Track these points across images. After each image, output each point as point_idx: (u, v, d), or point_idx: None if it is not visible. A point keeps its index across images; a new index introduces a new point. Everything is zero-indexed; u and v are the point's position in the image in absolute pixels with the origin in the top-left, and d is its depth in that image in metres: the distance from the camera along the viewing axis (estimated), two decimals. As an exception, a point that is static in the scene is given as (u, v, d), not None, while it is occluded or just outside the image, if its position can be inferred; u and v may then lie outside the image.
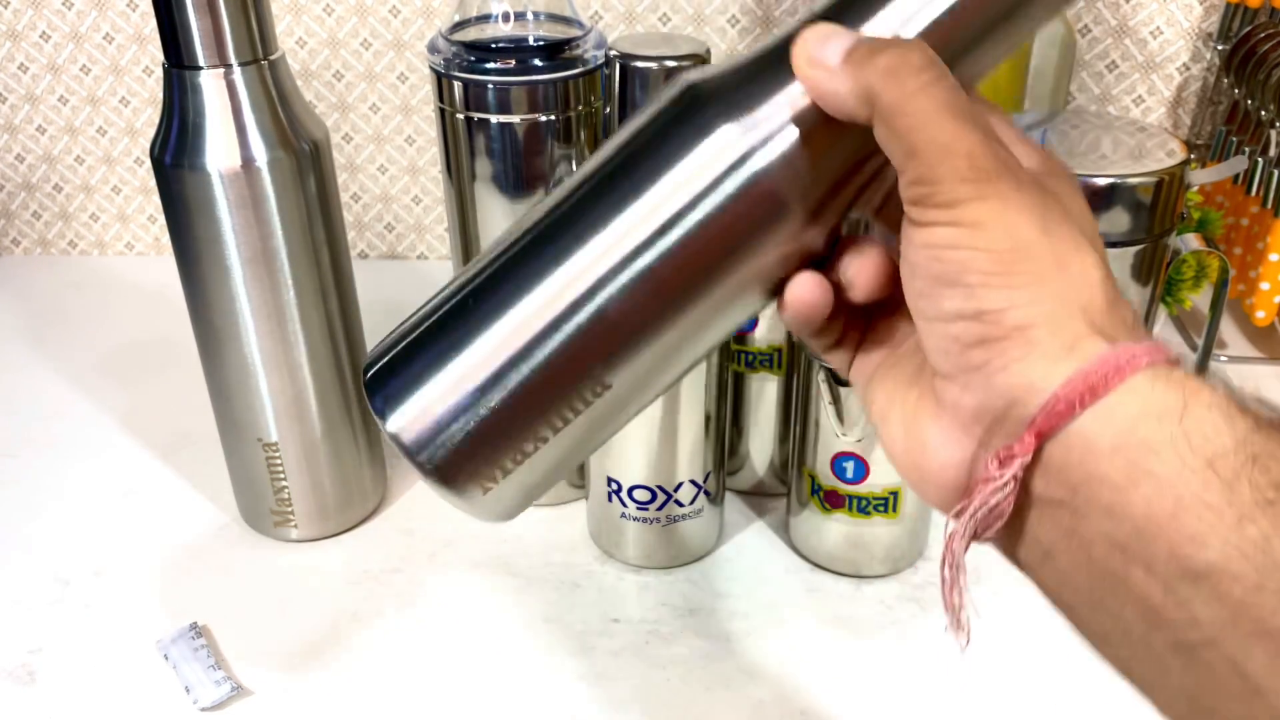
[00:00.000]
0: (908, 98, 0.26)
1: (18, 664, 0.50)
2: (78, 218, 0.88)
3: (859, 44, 0.28)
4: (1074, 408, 0.25)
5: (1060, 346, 0.25)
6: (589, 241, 0.30)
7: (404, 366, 0.33)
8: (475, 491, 0.34)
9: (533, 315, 0.30)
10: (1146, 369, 0.25)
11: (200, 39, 0.45)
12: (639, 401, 0.33)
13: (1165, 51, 0.76)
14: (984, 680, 0.49)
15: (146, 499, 0.61)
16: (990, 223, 0.26)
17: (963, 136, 0.26)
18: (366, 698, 0.48)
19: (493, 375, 0.31)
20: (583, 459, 0.35)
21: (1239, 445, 0.23)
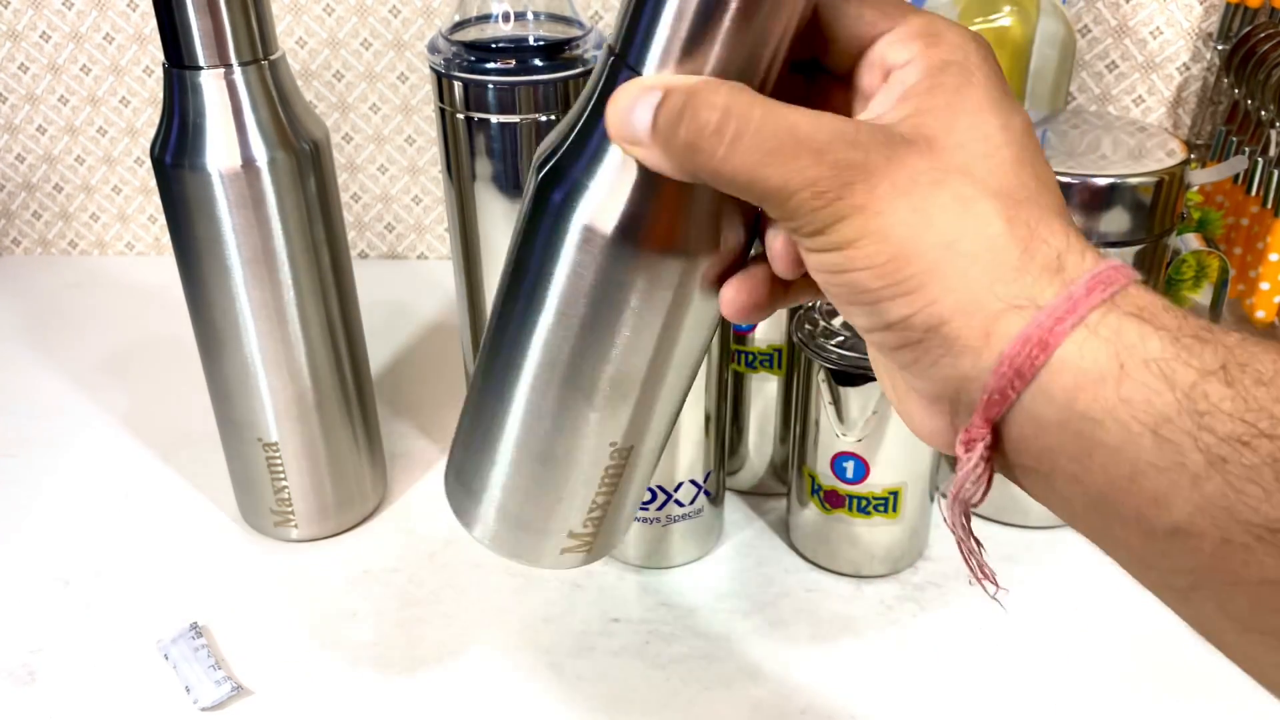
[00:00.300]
0: (720, 165, 0.26)
1: (18, 664, 0.50)
2: (78, 218, 0.88)
3: (658, 115, 0.26)
4: (1008, 394, 0.24)
5: (976, 335, 0.25)
6: (529, 371, 0.33)
7: (458, 485, 0.37)
8: (564, 560, 0.37)
9: (523, 434, 0.34)
10: (1074, 331, 0.24)
11: (200, 39, 0.45)
12: (658, 434, 0.35)
13: (1165, 51, 0.76)
14: (984, 680, 0.49)
15: (147, 499, 0.61)
16: (860, 239, 0.25)
17: (794, 173, 0.25)
18: (367, 698, 0.48)
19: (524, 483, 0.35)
20: (646, 484, 0.38)
21: (1182, 405, 0.22)
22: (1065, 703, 0.47)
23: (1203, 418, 0.22)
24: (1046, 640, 0.50)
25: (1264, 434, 0.22)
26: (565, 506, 0.35)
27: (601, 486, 0.35)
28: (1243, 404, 0.22)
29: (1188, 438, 0.22)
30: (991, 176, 0.26)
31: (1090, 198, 0.50)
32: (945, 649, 0.50)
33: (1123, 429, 0.23)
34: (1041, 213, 0.26)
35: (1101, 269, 0.25)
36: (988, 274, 0.25)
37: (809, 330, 0.52)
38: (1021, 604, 0.52)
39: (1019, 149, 0.26)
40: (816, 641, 0.51)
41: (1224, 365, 0.23)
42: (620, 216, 0.28)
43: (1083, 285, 0.24)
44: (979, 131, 0.26)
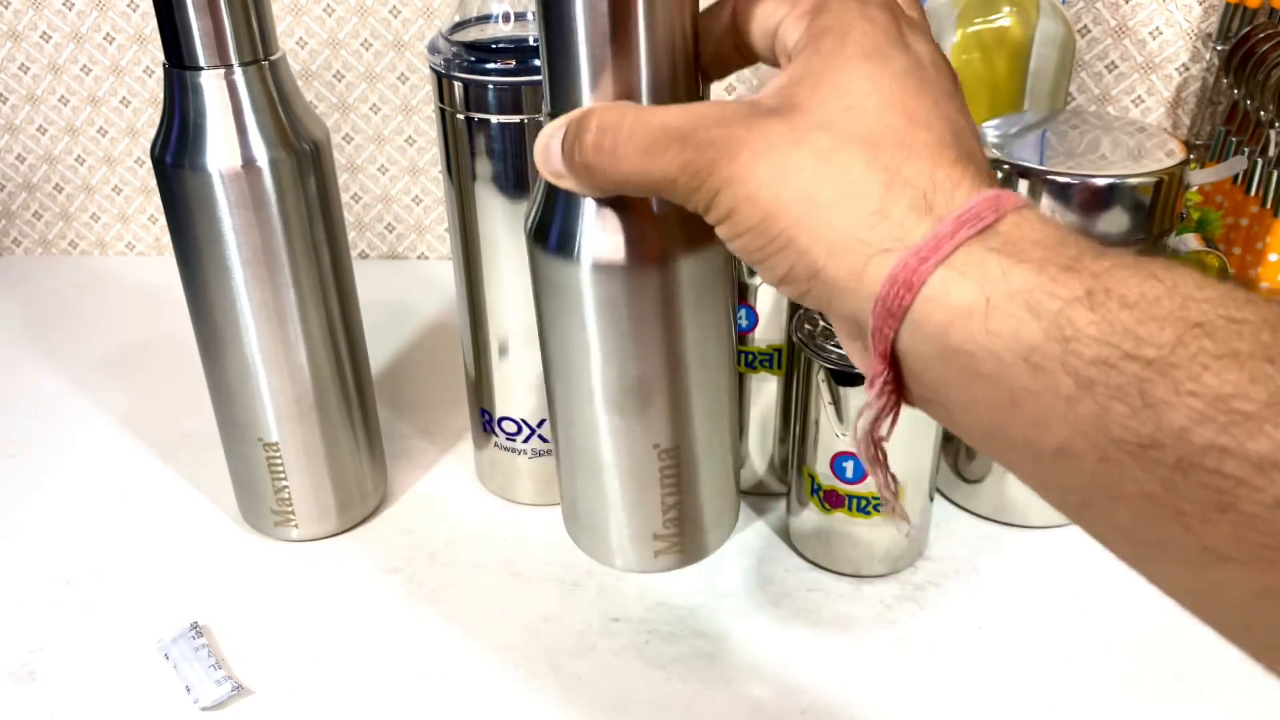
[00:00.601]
0: (614, 174, 0.30)
1: (18, 663, 0.50)
2: (78, 218, 0.89)
3: (563, 147, 0.31)
4: (885, 332, 0.26)
5: (850, 277, 0.26)
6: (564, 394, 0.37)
7: (571, 520, 0.41)
8: (661, 562, 0.40)
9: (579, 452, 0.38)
10: (939, 270, 0.25)
11: (201, 39, 0.45)
12: (706, 432, 0.37)
13: (1164, 52, 0.76)
14: (984, 680, 0.49)
15: (147, 499, 0.62)
16: (735, 206, 0.28)
17: (669, 162, 0.28)
18: (367, 698, 0.48)
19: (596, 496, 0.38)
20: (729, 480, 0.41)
21: (1049, 333, 0.23)
22: (1065, 703, 0.47)
23: (1069, 343, 0.23)
24: (1046, 640, 0.50)
25: (1129, 355, 0.22)
26: (639, 512, 0.38)
27: (665, 487, 0.38)
28: (1107, 327, 0.23)
29: (1056, 363, 0.23)
30: (853, 125, 0.27)
31: (1089, 198, 0.50)
32: (945, 649, 0.50)
33: (995, 359, 0.24)
34: (908, 153, 0.27)
35: (973, 204, 0.26)
36: (848, 219, 0.26)
37: (809, 330, 0.52)
38: (1021, 604, 0.52)
39: (887, 94, 0.28)
40: (816, 641, 0.51)
41: (1089, 291, 0.23)
42: (589, 246, 0.32)
43: (949, 224, 0.25)
44: (843, 86, 0.28)
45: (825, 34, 0.29)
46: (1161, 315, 0.22)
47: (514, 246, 0.52)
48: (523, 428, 0.58)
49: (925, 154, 0.27)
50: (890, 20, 0.29)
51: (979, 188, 0.26)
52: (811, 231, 0.27)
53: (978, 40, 0.62)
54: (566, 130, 0.30)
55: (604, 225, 0.32)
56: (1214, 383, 0.21)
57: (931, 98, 0.28)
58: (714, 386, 0.37)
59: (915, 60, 0.29)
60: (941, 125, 0.28)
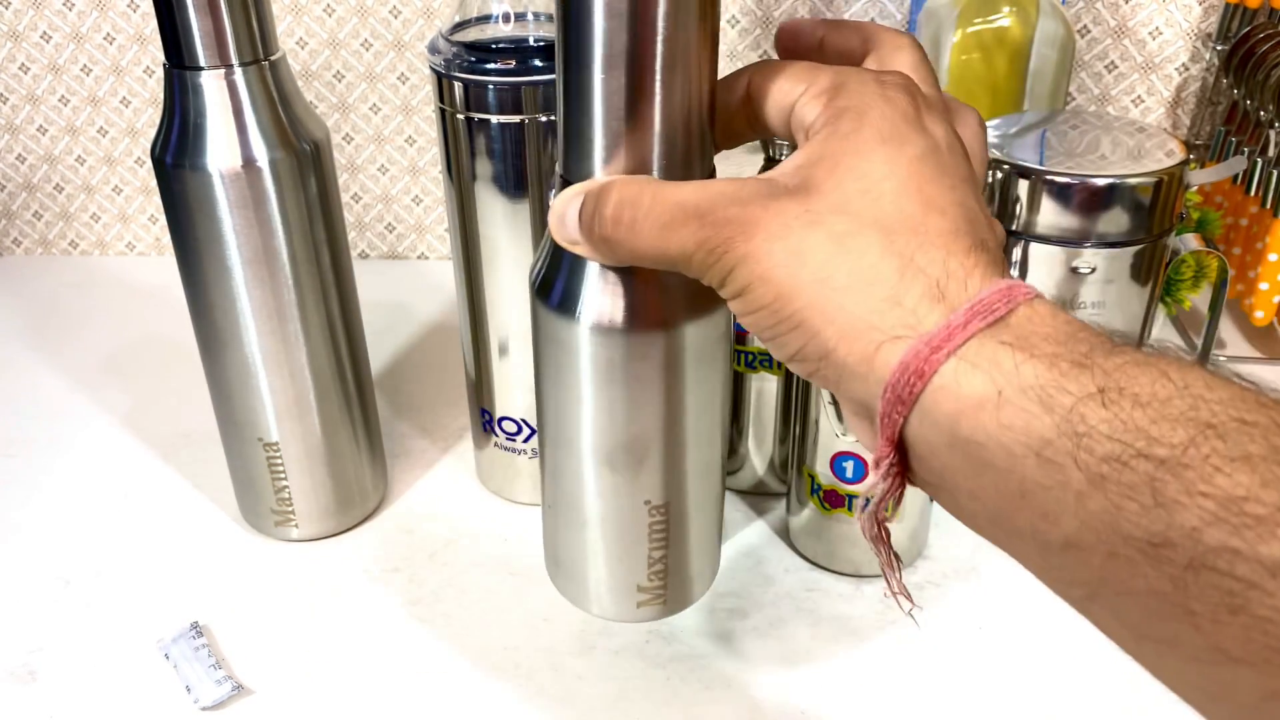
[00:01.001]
0: (632, 247, 0.30)
1: (18, 663, 0.50)
2: (79, 218, 0.89)
3: (581, 215, 0.31)
4: (894, 419, 0.26)
5: (861, 361, 0.27)
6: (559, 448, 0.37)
7: (553, 565, 0.41)
8: (644, 613, 0.40)
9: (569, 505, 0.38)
10: (950, 360, 0.25)
11: (201, 39, 0.45)
12: (697, 490, 0.38)
13: (1164, 52, 0.76)
14: (984, 680, 0.49)
15: (147, 498, 0.62)
16: (750, 284, 0.28)
17: (686, 239, 0.29)
18: (367, 698, 0.48)
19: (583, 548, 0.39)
20: (714, 534, 0.41)
21: (1060, 428, 0.24)
22: (1065, 703, 0.47)
23: (1081, 439, 0.23)
24: (1046, 640, 0.50)
25: (1141, 454, 0.22)
26: (625, 563, 0.39)
27: (652, 543, 0.38)
28: (1120, 425, 0.23)
29: (1068, 458, 0.23)
30: (869, 210, 0.28)
31: (1089, 198, 0.50)
32: (945, 649, 0.50)
33: (1006, 451, 0.24)
34: (922, 239, 0.27)
35: (986, 295, 0.26)
36: (862, 304, 0.27)
37: (809, 330, 0.52)
38: (1021, 604, 0.52)
39: (904, 179, 0.28)
40: (816, 641, 0.51)
41: (1102, 389, 0.24)
42: (591, 308, 0.33)
43: (962, 314, 0.26)
44: (860, 169, 0.28)
45: (843, 115, 0.29)
46: (1174, 415, 0.23)
47: (514, 246, 0.52)
48: (523, 427, 0.58)
49: (939, 241, 0.27)
50: (909, 102, 0.29)
51: (991, 278, 0.26)
52: (824, 314, 0.27)
53: (978, 40, 0.62)
54: (585, 201, 0.31)
55: (607, 288, 0.33)
56: (1226, 484, 0.21)
57: (948, 183, 0.28)
58: (708, 447, 0.37)
59: (932, 144, 0.29)
60: (956, 211, 0.28)
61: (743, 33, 0.77)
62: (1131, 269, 0.52)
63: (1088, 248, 0.51)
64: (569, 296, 0.33)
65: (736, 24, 0.77)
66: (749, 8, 0.76)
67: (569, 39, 0.30)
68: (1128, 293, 0.53)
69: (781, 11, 0.76)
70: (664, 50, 0.29)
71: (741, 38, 0.77)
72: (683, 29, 0.29)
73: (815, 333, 0.27)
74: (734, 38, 0.77)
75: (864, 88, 0.30)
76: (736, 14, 0.76)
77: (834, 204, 0.28)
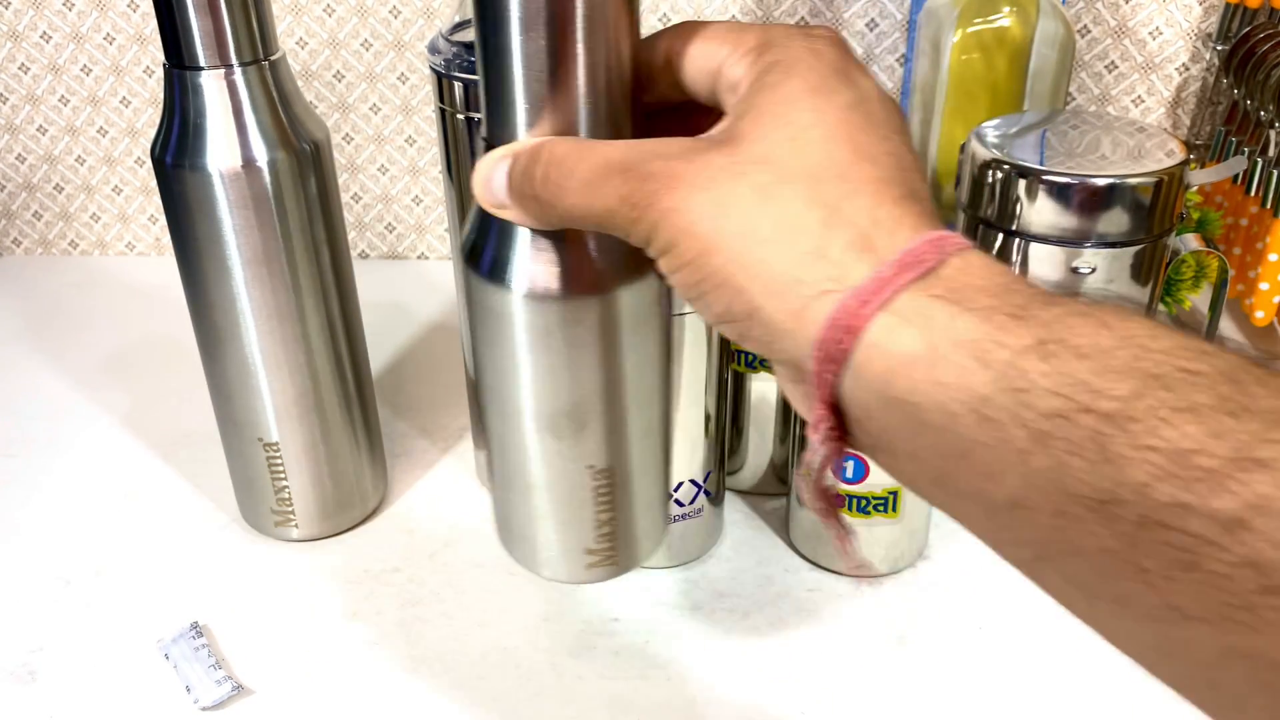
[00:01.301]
0: (560, 207, 0.29)
1: (19, 663, 0.50)
2: (79, 218, 0.89)
3: (509, 178, 0.30)
4: (826, 379, 0.25)
5: (790, 318, 0.25)
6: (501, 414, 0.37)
7: (503, 531, 0.41)
8: (595, 574, 0.40)
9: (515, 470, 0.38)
10: (880, 315, 0.24)
11: (201, 39, 0.45)
12: (641, 453, 0.38)
13: (1164, 52, 0.76)
14: (984, 680, 0.49)
15: (147, 499, 0.62)
16: (675, 240, 0.27)
17: (610, 194, 0.28)
18: (367, 697, 0.48)
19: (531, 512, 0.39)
20: (660, 495, 0.41)
21: (999, 384, 0.23)
22: (1065, 703, 0.47)
23: (1021, 395, 0.22)
24: (1046, 640, 0.50)
25: (1084, 408, 0.22)
26: (573, 527, 0.39)
27: (598, 506, 0.38)
28: (1061, 379, 0.22)
29: (1008, 415, 0.22)
30: (795, 159, 0.26)
31: (1089, 198, 0.50)
32: (945, 649, 0.50)
33: (942, 410, 0.23)
34: (851, 187, 0.26)
35: (916, 244, 0.25)
36: (786, 257, 0.25)
37: (809, 330, 0.52)
38: (1021, 604, 0.52)
39: (833, 126, 0.27)
40: (816, 641, 0.51)
41: (1041, 341, 0.23)
42: (523, 275, 0.32)
43: (891, 265, 0.24)
44: (788, 118, 0.27)
45: (771, 69, 0.28)
46: (1117, 367, 0.22)
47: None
48: (523, 428, 0.58)
49: (868, 189, 0.26)
50: (837, 54, 0.29)
51: (921, 228, 0.25)
52: (748, 269, 0.26)
53: (978, 40, 0.62)
54: (513, 162, 0.30)
55: (538, 254, 0.32)
56: (1174, 437, 0.21)
57: (879, 132, 0.28)
58: (649, 410, 0.37)
59: (862, 94, 0.28)
60: (888, 160, 0.27)
61: (743, 33, 0.77)
62: (1131, 269, 0.52)
63: (1088, 248, 0.51)
64: (500, 263, 0.33)
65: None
66: (749, 8, 0.76)
67: (487, 15, 0.30)
68: (1128, 293, 0.53)
69: (781, 11, 0.76)
70: (583, 9, 0.29)
71: (741, 38, 0.77)
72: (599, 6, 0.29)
73: (740, 289, 0.26)
74: (734, 38, 0.77)
75: (790, 42, 0.29)
76: (737, 14, 0.76)
77: (759, 154, 0.27)
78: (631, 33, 0.30)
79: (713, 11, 0.76)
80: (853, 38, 0.76)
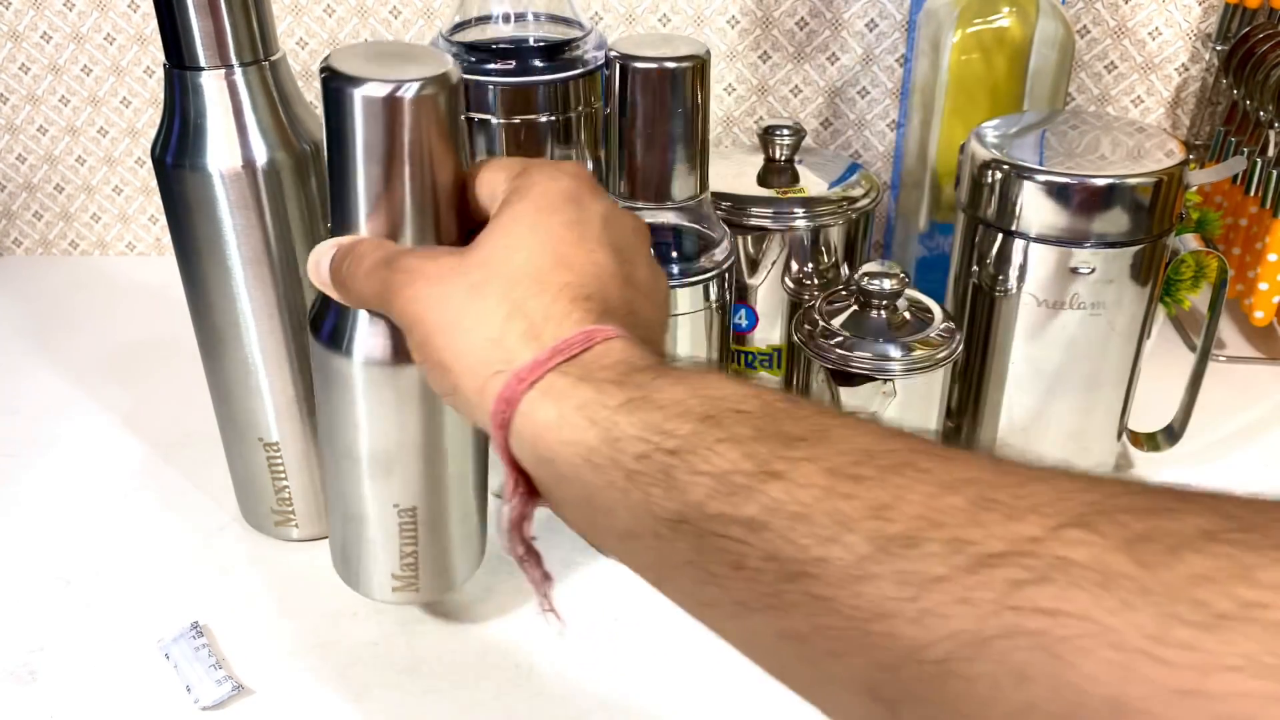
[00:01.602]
0: (350, 292, 0.37)
1: (19, 663, 0.50)
2: (79, 218, 0.89)
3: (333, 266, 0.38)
4: (502, 443, 0.31)
5: (476, 393, 0.32)
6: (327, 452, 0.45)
7: (333, 548, 0.50)
8: (399, 596, 0.48)
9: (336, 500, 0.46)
10: (532, 389, 0.30)
11: (201, 40, 0.45)
12: (441, 497, 0.45)
13: (1164, 52, 0.76)
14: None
15: (147, 498, 0.62)
16: (410, 325, 0.34)
17: (379, 283, 0.35)
18: (367, 697, 0.48)
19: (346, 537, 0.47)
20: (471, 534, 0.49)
21: (601, 437, 0.28)
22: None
23: (616, 443, 0.28)
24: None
25: (658, 447, 0.27)
26: (380, 554, 0.46)
27: (403, 539, 0.45)
28: (643, 427, 0.28)
29: (609, 461, 0.28)
30: (505, 264, 0.33)
31: (1089, 198, 0.50)
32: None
33: (569, 463, 0.29)
34: (538, 289, 0.32)
35: (571, 335, 0.31)
36: (477, 343, 0.32)
37: (809, 330, 0.52)
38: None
39: (544, 240, 0.33)
40: (816, 641, 0.51)
41: (630, 399, 0.28)
42: (356, 341, 0.39)
43: (547, 351, 0.31)
44: (511, 230, 0.34)
45: (515, 191, 0.35)
46: (683, 413, 0.27)
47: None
48: (523, 428, 0.58)
49: (552, 291, 0.32)
50: (573, 183, 0.35)
51: (585, 323, 0.31)
52: (454, 352, 0.32)
53: (978, 40, 0.62)
54: (336, 251, 0.37)
55: (371, 329, 0.39)
56: (719, 462, 0.26)
57: (587, 246, 0.34)
58: (458, 460, 0.44)
59: (585, 215, 0.34)
60: (586, 269, 0.33)
61: (743, 33, 0.77)
62: (1131, 269, 0.52)
63: (1087, 248, 0.51)
64: (338, 333, 0.40)
65: (736, 24, 0.77)
66: (749, 8, 0.76)
67: (334, 142, 0.37)
68: (1127, 293, 0.53)
69: (781, 11, 0.76)
70: (408, 148, 0.36)
71: (741, 38, 0.77)
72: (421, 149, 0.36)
73: (448, 368, 0.32)
74: (734, 38, 0.77)
75: (539, 172, 0.36)
76: (736, 14, 0.76)
77: (480, 259, 0.33)
78: (452, 163, 0.37)
79: (712, 11, 0.76)
80: (853, 38, 0.76)
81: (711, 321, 0.51)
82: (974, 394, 0.58)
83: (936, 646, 0.21)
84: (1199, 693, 0.18)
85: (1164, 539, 0.20)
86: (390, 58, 0.36)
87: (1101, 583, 0.20)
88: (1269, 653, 0.18)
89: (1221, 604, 0.19)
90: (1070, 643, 0.20)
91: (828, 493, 0.24)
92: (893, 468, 0.24)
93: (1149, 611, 0.19)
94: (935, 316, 0.53)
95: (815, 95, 0.78)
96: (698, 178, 0.49)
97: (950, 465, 0.24)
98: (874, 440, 0.25)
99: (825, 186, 0.62)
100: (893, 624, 0.22)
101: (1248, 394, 0.69)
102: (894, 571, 0.22)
